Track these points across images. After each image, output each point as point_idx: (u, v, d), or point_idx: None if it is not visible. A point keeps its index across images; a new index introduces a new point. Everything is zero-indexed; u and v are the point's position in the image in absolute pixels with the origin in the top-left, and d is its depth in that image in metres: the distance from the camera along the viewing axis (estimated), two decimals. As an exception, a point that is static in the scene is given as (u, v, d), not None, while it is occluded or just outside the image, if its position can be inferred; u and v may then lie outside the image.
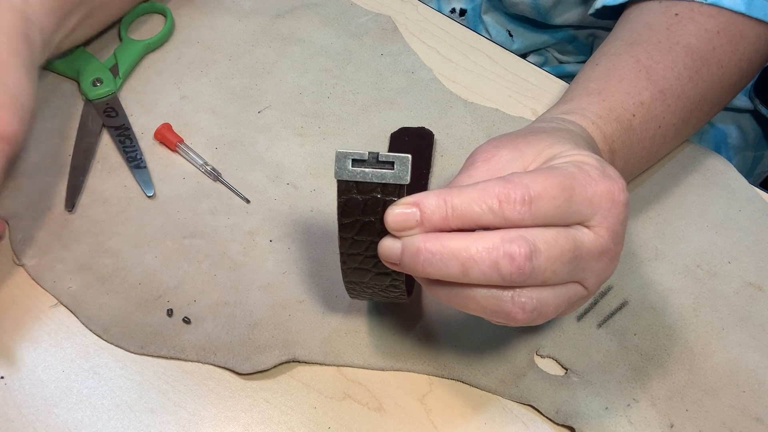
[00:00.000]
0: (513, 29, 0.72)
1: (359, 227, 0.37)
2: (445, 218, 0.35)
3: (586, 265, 0.37)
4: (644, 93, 0.48)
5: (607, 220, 0.37)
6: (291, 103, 0.59)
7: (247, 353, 0.47)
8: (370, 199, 0.37)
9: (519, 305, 0.36)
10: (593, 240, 0.37)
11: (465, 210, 0.35)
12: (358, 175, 0.36)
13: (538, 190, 0.35)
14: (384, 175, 0.36)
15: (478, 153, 0.41)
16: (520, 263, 0.34)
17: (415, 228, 0.35)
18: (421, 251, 0.35)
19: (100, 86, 0.58)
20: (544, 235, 0.35)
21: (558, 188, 0.35)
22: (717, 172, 0.55)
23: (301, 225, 0.53)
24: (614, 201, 0.37)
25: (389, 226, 0.36)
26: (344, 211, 0.37)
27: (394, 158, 0.36)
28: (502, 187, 0.35)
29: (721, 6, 0.51)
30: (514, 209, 0.35)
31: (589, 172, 0.37)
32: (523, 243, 0.34)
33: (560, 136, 0.41)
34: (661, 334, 0.48)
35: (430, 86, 0.60)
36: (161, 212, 0.53)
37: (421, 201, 0.35)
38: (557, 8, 0.67)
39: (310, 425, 0.45)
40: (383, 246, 0.37)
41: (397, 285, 0.40)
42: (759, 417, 0.45)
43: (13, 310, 0.49)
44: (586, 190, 0.36)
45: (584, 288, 0.38)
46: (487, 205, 0.35)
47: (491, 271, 0.34)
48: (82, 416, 0.45)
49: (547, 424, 0.46)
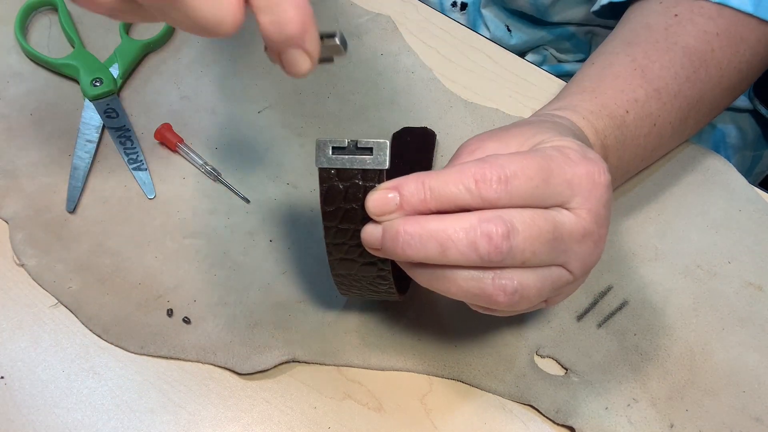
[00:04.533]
0: (512, 24, 0.72)
1: (342, 215, 0.38)
2: (423, 200, 0.36)
3: (567, 247, 0.37)
4: (639, 91, 0.48)
5: (588, 201, 0.37)
6: (291, 103, 0.59)
7: (247, 353, 0.47)
8: (351, 185, 0.37)
9: (500, 287, 0.36)
10: (574, 222, 0.37)
11: (442, 191, 0.35)
12: (338, 162, 0.37)
13: (514, 170, 0.35)
14: (363, 161, 0.37)
15: (464, 146, 0.41)
16: (498, 242, 0.34)
17: (395, 212, 0.36)
18: (400, 234, 0.35)
19: (100, 86, 0.58)
20: (521, 215, 0.35)
21: (535, 168, 0.36)
22: (717, 172, 0.55)
23: (301, 225, 0.53)
24: (595, 182, 0.37)
25: (369, 210, 0.36)
26: (326, 199, 0.37)
27: (373, 144, 0.37)
28: (478, 167, 0.35)
29: (729, 5, 0.51)
30: (491, 188, 0.35)
31: (568, 154, 0.37)
32: (500, 222, 0.35)
33: (545, 126, 0.41)
34: (661, 334, 0.48)
35: (430, 86, 0.60)
36: (161, 212, 0.53)
37: (400, 185, 0.36)
38: (556, 6, 0.67)
39: (310, 425, 0.45)
40: (365, 231, 0.37)
41: (384, 275, 0.40)
42: (759, 417, 0.45)
43: (13, 310, 0.49)
44: (564, 171, 0.36)
45: (568, 272, 0.38)
46: (463, 185, 0.35)
47: (469, 251, 0.35)
48: (82, 416, 0.45)
49: (547, 424, 0.46)
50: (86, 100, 0.58)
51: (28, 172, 0.54)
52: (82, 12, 0.64)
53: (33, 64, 0.60)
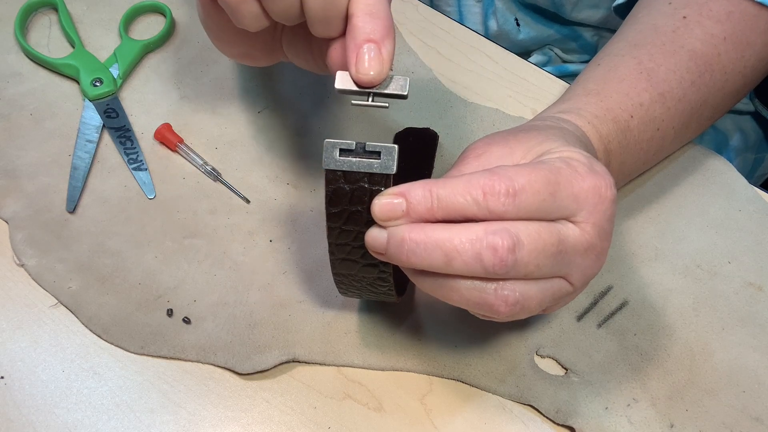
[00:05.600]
0: (521, 18, 0.71)
1: (346, 217, 0.38)
2: (430, 209, 0.36)
3: (570, 260, 0.37)
4: (644, 95, 0.48)
5: (593, 216, 0.37)
6: (291, 103, 0.59)
7: (247, 353, 0.47)
8: (357, 188, 0.37)
9: (502, 298, 0.36)
10: (578, 235, 0.37)
11: (450, 201, 0.35)
12: (345, 164, 0.37)
13: (522, 183, 0.35)
14: (371, 165, 0.37)
15: (470, 149, 0.41)
16: (503, 255, 0.34)
17: (401, 218, 0.36)
18: (406, 241, 0.35)
19: (100, 86, 0.58)
20: (527, 228, 0.35)
21: (543, 182, 0.36)
22: (717, 173, 0.55)
23: (301, 225, 0.53)
24: (601, 197, 0.37)
25: (375, 215, 0.36)
26: (331, 201, 0.37)
27: (381, 148, 0.37)
28: (487, 178, 0.35)
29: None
30: (498, 201, 0.35)
31: (576, 167, 0.37)
32: (506, 235, 0.34)
33: (552, 133, 0.41)
34: (661, 334, 0.48)
35: (430, 86, 0.60)
36: (161, 212, 0.53)
37: (407, 191, 0.36)
38: (578, 4, 0.67)
39: (310, 425, 0.45)
40: (369, 235, 0.37)
41: (385, 278, 0.40)
42: (759, 417, 0.45)
43: (13, 310, 0.49)
44: (572, 185, 0.36)
45: (569, 284, 0.38)
46: (471, 197, 0.35)
47: (474, 263, 0.35)
48: (82, 416, 0.45)
49: (547, 424, 0.46)
50: (86, 100, 0.58)
51: (28, 172, 0.54)
52: (82, 12, 0.64)
53: (33, 63, 0.60)
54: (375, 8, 0.38)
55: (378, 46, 0.37)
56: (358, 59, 0.37)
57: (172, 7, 0.64)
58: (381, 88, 0.38)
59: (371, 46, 0.37)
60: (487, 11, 0.72)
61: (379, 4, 0.38)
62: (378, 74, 0.37)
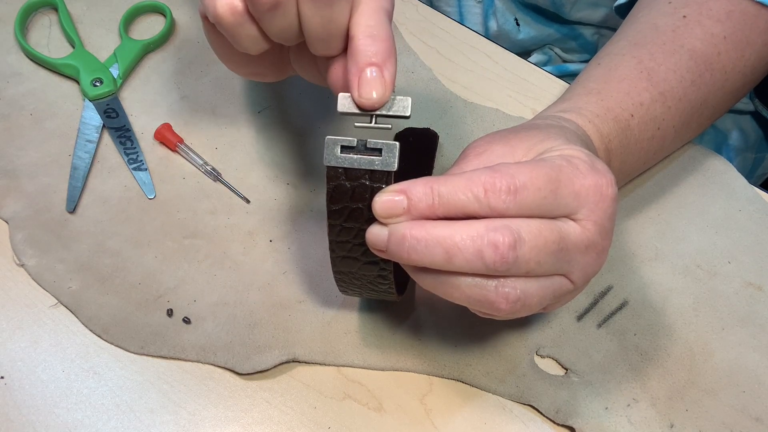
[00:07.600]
0: (521, 17, 0.71)
1: (347, 214, 0.38)
2: (431, 206, 0.36)
3: (571, 258, 0.37)
4: (644, 94, 0.48)
5: (594, 213, 0.37)
6: (291, 103, 0.59)
7: (247, 353, 0.47)
8: (359, 185, 0.37)
9: (502, 295, 0.36)
10: (579, 233, 0.37)
11: (451, 198, 0.35)
12: (346, 161, 0.37)
13: (523, 180, 0.35)
14: (372, 162, 0.37)
15: (471, 147, 0.41)
16: (504, 252, 0.34)
17: (402, 215, 0.36)
18: (407, 238, 0.35)
19: (100, 86, 0.58)
20: (528, 225, 0.35)
21: (544, 179, 0.36)
22: (717, 173, 0.55)
23: (301, 225, 0.53)
24: (602, 195, 0.37)
25: (376, 212, 0.36)
26: (333, 198, 0.37)
27: (382, 145, 0.37)
28: (488, 176, 0.35)
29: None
30: (500, 198, 0.35)
31: (577, 165, 0.37)
32: (507, 232, 0.34)
33: (553, 132, 0.41)
34: (661, 334, 0.48)
35: (429, 86, 0.60)
36: (161, 212, 0.53)
37: (409, 189, 0.36)
38: (577, 3, 0.67)
39: (310, 425, 0.45)
40: (370, 233, 0.37)
41: (386, 276, 0.40)
42: (759, 417, 0.45)
43: (13, 310, 0.49)
44: (573, 183, 0.36)
45: (570, 282, 0.38)
46: (472, 194, 0.35)
47: (475, 259, 0.35)
48: (82, 416, 0.45)
49: (547, 424, 0.46)
50: (86, 100, 0.58)
51: (28, 172, 0.54)
52: (82, 12, 0.64)
53: (33, 63, 0.60)
54: (376, 30, 0.38)
55: (380, 69, 0.37)
56: (361, 83, 0.37)
57: (172, 7, 0.64)
58: (384, 109, 0.38)
59: (373, 69, 0.37)
60: (487, 11, 0.72)
61: (380, 25, 0.38)
62: (381, 98, 0.37)
